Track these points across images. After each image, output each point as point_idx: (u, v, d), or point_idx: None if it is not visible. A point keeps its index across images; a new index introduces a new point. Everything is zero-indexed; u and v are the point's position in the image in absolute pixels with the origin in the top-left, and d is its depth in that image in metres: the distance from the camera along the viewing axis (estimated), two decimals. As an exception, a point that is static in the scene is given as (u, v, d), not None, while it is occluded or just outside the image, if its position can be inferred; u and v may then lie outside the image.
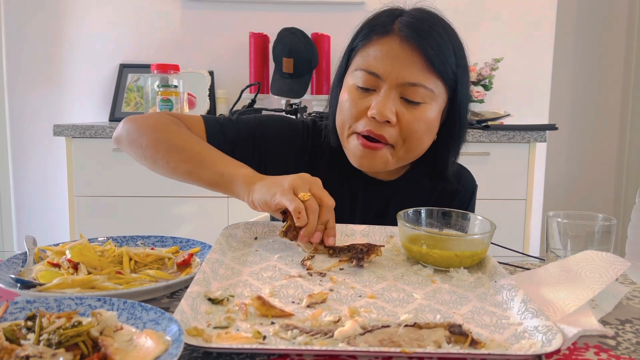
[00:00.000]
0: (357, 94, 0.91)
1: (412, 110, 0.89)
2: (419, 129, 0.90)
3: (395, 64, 0.88)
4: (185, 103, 2.48)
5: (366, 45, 0.91)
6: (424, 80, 0.88)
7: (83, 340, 0.49)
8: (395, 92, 0.89)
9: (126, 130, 0.97)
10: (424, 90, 0.88)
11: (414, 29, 0.88)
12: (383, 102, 0.87)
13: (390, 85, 0.88)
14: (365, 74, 0.90)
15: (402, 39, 0.88)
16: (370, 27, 0.92)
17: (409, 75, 0.87)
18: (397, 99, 0.89)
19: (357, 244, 0.79)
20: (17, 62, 2.71)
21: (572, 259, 0.73)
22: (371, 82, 0.90)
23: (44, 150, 2.75)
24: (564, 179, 3.36)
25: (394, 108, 0.88)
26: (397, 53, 0.88)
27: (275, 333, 0.55)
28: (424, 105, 0.90)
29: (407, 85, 0.88)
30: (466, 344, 0.53)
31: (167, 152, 0.91)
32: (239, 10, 2.71)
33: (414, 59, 0.88)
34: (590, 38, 3.27)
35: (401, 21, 0.90)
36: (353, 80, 0.92)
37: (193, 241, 0.87)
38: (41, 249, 0.80)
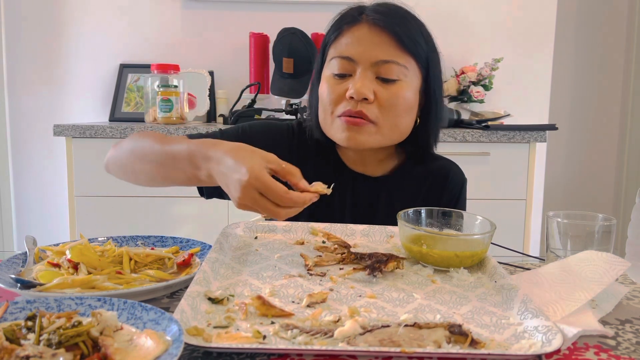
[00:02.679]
0: (334, 81, 0.95)
1: (389, 87, 0.93)
2: (398, 105, 0.94)
3: (366, 46, 0.93)
4: (185, 103, 2.49)
5: (338, 37, 0.96)
6: (396, 57, 0.93)
7: (83, 340, 0.49)
8: (370, 72, 0.93)
9: (111, 154, 1.01)
10: (397, 67, 0.93)
11: (381, 13, 0.94)
12: (360, 81, 0.92)
13: (365, 66, 0.92)
14: (340, 60, 0.94)
15: (371, 23, 0.93)
16: (339, 21, 0.98)
17: (381, 54, 0.92)
18: (373, 79, 0.93)
19: (379, 253, 0.77)
20: (17, 62, 2.71)
21: (572, 259, 0.73)
22: (346, 67, 0.94)
23: (44, 150, 2.75)
24: (564, 179, 3.36)
25: (371, 86, 0.92)
26: (367, 36, 0.93)
27: (275, 333, 0.55)
28: (399, 83, 0.93)
29: (380, 63, 0.92)
30: (466, 344, 0.53)
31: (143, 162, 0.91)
32: (239, 10, 2.71)
33: (383, 38, 0.92)
34: (590, 38, 3.27)
35: (368, 10, 0.96)
36: (329, 70, 0.97)
37: (193, 241, 0.87)
38: (41, 249, 0.80)
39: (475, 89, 2.54)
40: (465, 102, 2.59)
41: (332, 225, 0.91)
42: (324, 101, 0.97)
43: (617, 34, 3.27)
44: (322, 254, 0.81)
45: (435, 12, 2.73)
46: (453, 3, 2.73)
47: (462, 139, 2.15)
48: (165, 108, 2.31)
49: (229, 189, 0.75)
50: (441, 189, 1.08)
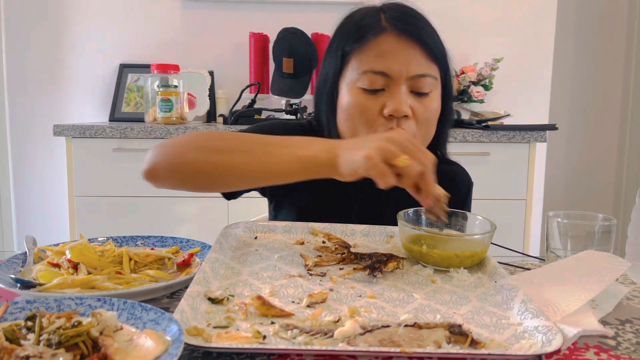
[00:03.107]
0: (365, 97, 0.90)
1: (423, 100, 0.91)
2: (431, 118, 0.93)
3: (400, 60, 0.89)
4: (185, 103, 2.49)
5: (362, 47, 0.91)
6: (429, 69, 0.91)
7: (83, 340, 0.49)
8: (405, 86, 0.90)
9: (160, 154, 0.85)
10: (430, 80, 0.91)
11: (405, 22, 0.91)
12: (397, 98, 0.88)
13: (400, 81, 0.89)
14: (372, 75, 0.89)
15: (397, 34, 0.90)
16: (360, 29, 0.92)
17: (416, 68, 0.89)
18: (408, 93, 0.90)
19: (379, 253, 0.77)
20: (18, 62, 2.71)
21: (572, 259, 0.73)
22: (379, 82, 0.90)
23: (44, 150, 2.75)
24: (564, 179, 3.36)
25: (408, 102, 0.89)
26: (398, 48, 0.89)
27: (275, 333, 0.55)
28: (431, 94, 0.92)
29: (416, 77, 0.90)
30: (466, 344, 0.53)
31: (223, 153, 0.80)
32: (239, 10, 2.71)
33: (415, 51, 0.90)
34: (590, 38, 3.27)
35: (388, 18, 0.92)
36: (356, 84, 0.91)
37: (193, 241, 0.87)
38: (41, 249, 0.80)
39: (476, 89, 2.54)
40: (465, 102, 2.59)
41: (332, 225, 0.91)
42: (354, 118, 0.91)
43: (617, 33, 3.27)
44: (322, 254, 0.81)
45: (435, 11, 2.72)
46: (453, 3, 2.73)
47: (462, 139, 2.15)
48: (165, 108, 2.31)
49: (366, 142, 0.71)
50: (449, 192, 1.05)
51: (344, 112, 0.93)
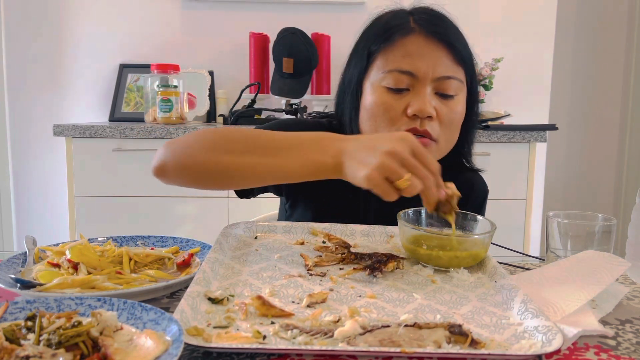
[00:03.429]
0: (390, 96, 0.91)
1: (448, 103, 0.91)
2: (455, 121, 0.93)
3: (427, 60, 0.89)
4: (185, 103, 2.49)
5: (389, 47, 0.91)
6: (455, 72, 0.91)
7: (83, 340, 0.49)
8: (430, 87, 0.90)
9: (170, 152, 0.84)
10: (456, 83, 0.91)
11: (434, 24, 0.92)
12: (422, 98, 0.88)
13: (426, 82, 0.90)
14: (398, 74, 0.90)
15: (425, 35, 0.90)
16: (387, 29, 0.93)
17: (442, 70, 0.90)
18: (433, 95, 0.90)
19: (379, 253, 0.77)
20: (18, 62, 2.71)
21: (572, 259, 0.73)
22: (405, 82, 0.90)
23: (44, 150, 2.75)
24: (564, 179, 3.35)
25: (432, 103, 0.89)
26: (425, 49, 0.90)
27: (275, 333, 0.55)
28: (456, 97, 0.92)
29: (442, 79, 0.90)
30: (466, 344, 0.53)
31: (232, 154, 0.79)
32: (239, 10, 2.71)
33: (442, 53, 0.90)
34: (591, 38, 3.27)
35: (417, 19, 0.92)
36: (381, 83, 0.91)
37: (193, 241, 0.87)
38: (41, 249, 0.80)
39: (475, 89, 2.54)
40: (465, 102, 2.59)
41: (332, 225, 0.91)
42: (377, 117, 0.91)
43: (617, 34, 3.27)
44: (322, 254, 0.81)
45: (435, 12, 2.73)
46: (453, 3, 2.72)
47: (462, 139, 2.15)
48: (165, 108, 2.31)
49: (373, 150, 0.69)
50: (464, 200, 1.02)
51: (367, 111, 0.93)
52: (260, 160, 0.78)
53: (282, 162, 0.77)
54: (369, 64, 0.94)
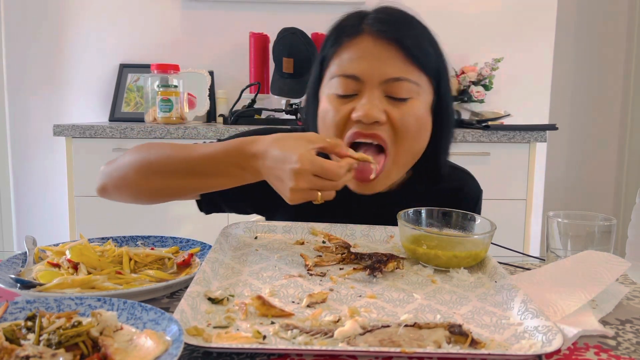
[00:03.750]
0: (338, 102, 0.86)
1: (400, 106, 0.84)
2: (412, 125, 0.85)
3: (373, 62, 0.83)
4: (185, 103, 2.49)
5: (338, 51, 0.87)
6: (407, 73, 0.84)
7: (83, 340, 0.49)
8: (379, 91, 0.84)
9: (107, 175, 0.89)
10: (408, 84, 0.84)
11: (385, 23, 0.85)
12: (368, 102, 0.82)
13: (373, 85, 0.83)
14: (343, 79, 0.85)
15: (375, 35, 0.84)
16: (337, 32, 0.88)
17: (390, 71, 0.83)
18: (383, 98, 0.84)
19: (379, 253, 0.77)
20: (18, 62, 2.71)
21: (572, 259, 0.73)
22: (351, 87, 0.85)
23: (44, 150, 2.75)
24: (564, 179, 3.35)
25: (381, 106, 0.83)
26: (373, 51, 0.84)
27: (275, 333, 0.55)
28: (411, 101, 0.85)
29: (390, 81, 0.83)
30: (466, 344, 0.53)
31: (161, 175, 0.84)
32: (239, 10, 2.71)
33: (391, 53, 0.83)
34: (591, 38, 3.27)
35: (370, 18, 0.86)
36: (330, 89, 0.87)
37: (193, 241, 0.87)
38: (41, 249, 0.80)
39: (476, 89, 2.54)
40: (466, 102, 2.59)
41: (332, 225, 0.91)
42: (327, 125, 0.87)
43: (617, 33, 3.27)
44: (322, 254, 0.81)
45: (435, 11, 2.73)
46: (453, 3, 2.73)
47: (462, 139, 2.15)
48: (165, 108, 2.31)
49: (281, 181, 0.73)
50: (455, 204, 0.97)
51: (320, 119, 0.89)
52: (185, 180, 0.82)
53: (206, 181, 0.82)
54: (323, 70, 0.90)
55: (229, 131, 2.16)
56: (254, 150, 0.77)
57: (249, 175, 0.79)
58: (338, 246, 0.83)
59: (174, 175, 0.83)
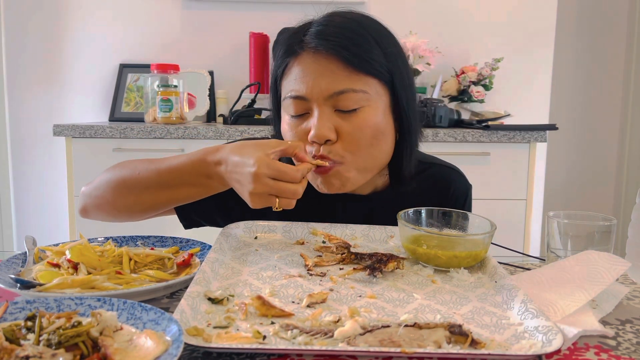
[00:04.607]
0: (293, 123, 0.87)
1: (351, 119, 0.84)
2: (365, 136, 0.84)
3: (316, 79, 0.83)
4: (185, 103, 2.49)
5: (285, 72, 0.88)
6: (351, 84, 0.82)
7: (83, 341, 0.49)
8: (327, 106, 0.83)
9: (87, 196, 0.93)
10: (355, 95, 0.83)
11: (321, 36, 0.83)
12: (319, 122, 0.83)
13: (319, 102, 0.83)
14: (292, 100, 0.85)
15: (314, 50, 0.83)
16: (284, 52, 0.88)
17: (333, 85, 0.82)
18: (332, 114, 0.84)
19: (379, 253, 0.77)
20: (17, 62, 2.71)
21: (572, 259, 0.73)
22: (301, 107, 0.85)
23: (44, 150, 2.75)
24: (564, 179, 3.35)
25: (330, 124, 0.83)
26: (313, 67, 0.83)
27: (275, 333, 0.55)
28: (362, 110, 0.84)
29: (335, 95, 0.82)
30: (466, 344, 0.53)
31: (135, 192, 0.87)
32: (239, 10, 2.71)
33: (332, 66, 0.82)
34: (591, 38, 3.27)
35: (310, 33, 0.85)
36: (285, 110, 0.88)
37: (193, 241, 0.87)
38: (41, 249, 0.80)
39: (476, 89, 2.54)
40: (466, 102, 2.59)
41: (332, 225, 0.91)
42: None
43: (617, 34, 3.27)
44: (322, 254, 0.81)
45: (435, 11, 2.73)
46: (453, 3, 2.73)
47: (462, 139, 2.15)
48: (165, 108, 2.31)
49: (241, 185, 0.75)
50: (443, 202, 0.99)
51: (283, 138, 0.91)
52: (157, 193, 0.85)
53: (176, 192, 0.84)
54: (279, 92, 0.91)
55: (229, 131, 2.16)
56: (217, 158, 0.79)
57: (216, 183, 0.81)
58: (338, 246, 0.83)
59: (146, 189, 0.86)
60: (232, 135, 2.16)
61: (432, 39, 2.61)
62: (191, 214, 0.99)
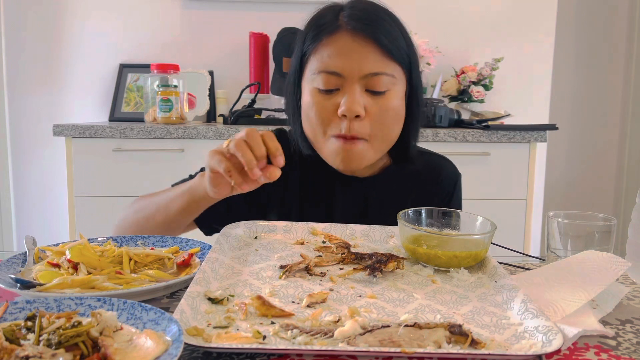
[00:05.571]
0: (321, 97, 0.91)
1: (379, 100, 0.91)
2: (388, 118, 0.92)
3: (353, 58, 0.89)
4: (185, 103, 2.49)
5: (317, 47, 0.92)
6: (384, 67, 0.90)
7: (83, 341, 0.49)
8: (359, 85, 0.90)
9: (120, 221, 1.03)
10: (386, 78, 0.90)
11: (361, 20, 0.90)
12: (350, 98, 0.88)
13: (353, 80, 0.89)
14: (326, 75, 0.90)
15: (352, 32, 0.89)
16: (316, 28, 0.93)
17: (369, 66, 0.89)
18: (363, 92, 0.90)
19: (379, 253, 0.77)
20: (17, 62, 2.71)
21: (572, 259, 0.73)
22: (333, 82, 0.90)
23: (44, 150, 2.75)
24: (564, 179, 3.35)
25: (362, 101, 0.89)
26: (351, 47, 0.89)
27: (275, 333, 0.55)
28: (388, 93, 0.91)
29: (369, 76, 0.89)
30: (466, 344, 0.53)
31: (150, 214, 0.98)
32: (239, 10, 2.71)
33: (369, 49, 0.89)
34: (591, 38, 3.27)
35: (346, 15, 0.91)
36: (313, 84, 0.92)
37: (193, 241, 0.87)
38: (41, 249, 0.80)
39: (476, 89, 2.54)
40: (466, 101, 2.59)
41: (332, 225, 0.91)
42: (312, 119, 0.93)
43: (617, 33, 3.27)
44: (322, 254, 0.81)
45: (435, 11, 2.73)
46: (453, 3, 2.73)
47: (462, 139, 2.15)
48: (165, 108, 2.31)
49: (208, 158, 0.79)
50: (434, 187, 1.07)
51: (304, 112, 0.95)
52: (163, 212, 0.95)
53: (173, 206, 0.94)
54: (303, 64, 0.95)
55: (229, 131, 2.16)
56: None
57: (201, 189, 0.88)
58: (338, 246, 0.83)
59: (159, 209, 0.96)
60: (232, 135, 2.16)
61: (432, 39, 2.61)
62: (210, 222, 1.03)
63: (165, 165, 2.18)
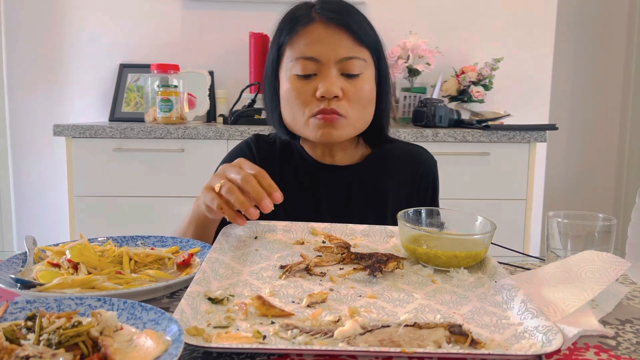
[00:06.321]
0: (300, 83, 0.99)
1: (354, 82, 0.99)
2: (363, 98, 1.00)
3: (328, 44, 0.97)
4: (185, 103, 2.49)
5: (294, 38, 1.00)
6: (357, 52, 0.98)
7: (83, 340, 0.49)
8: (335, 69, 0.98)
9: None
10: (359, 62, 0.99)
11: (332, 11, 0.99)
12: (328, 80, 0.97)
13: (329, 65, 0.97)
14: (303, 61, 0.98)
15: (326, 21, 0.98)
16: (291, 21, 1.01)
17: (343, 51, 0.97)
18: (339, 76, 0.98)
19: (379, 253, 0.77)
20: (17, 62, 2.71)
21: (572, 259, 0.73)
22: (310, 67, 0.98)
23: (44, 150, 2.75)
24: (564, 179, 3.35)
25: (338, 83, 0.97)
26: (326, 34, 0.98)
27: (275, 333, 0.55)
28: (362, 76, 0.99)
29: (344, 60, 0.97)
30: (466, 344, 0.53)
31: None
32: (239, 10, 2.71)
33: (342, 35, 0.98)
34: (591, 38, 3.27)
35: (318, 9, 1.00)
36: (291, 72, 1.00)
37: (193, 241, 0.87)
38: (41, 249, 0.80)
39: (476, 89, 2.54)
40: (466, 102, 2.59)
41: (332, 225, 0.91)
42: (292, 102, 1.00)
43: (618, 33, 3.27)
44: (322, 254, 0.81)
45: (435, 12, 2.73)
46: (453, 3, 2.73)
47: (462, 139, 2.15)
48: (165, 108, 2.31)
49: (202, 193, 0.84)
50: (415, 173, 1.13)
51: (284, 99, 1.02)
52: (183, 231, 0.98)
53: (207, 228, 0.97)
54: (280, 55, 1.03)
55: (229, 131, 2.16)
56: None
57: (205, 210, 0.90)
58: (338, 246, 0.83)
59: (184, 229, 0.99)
60: (232, 135, 2.16)
61: (432, 39, 2.61)
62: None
63: (165, 165, 2.18)
